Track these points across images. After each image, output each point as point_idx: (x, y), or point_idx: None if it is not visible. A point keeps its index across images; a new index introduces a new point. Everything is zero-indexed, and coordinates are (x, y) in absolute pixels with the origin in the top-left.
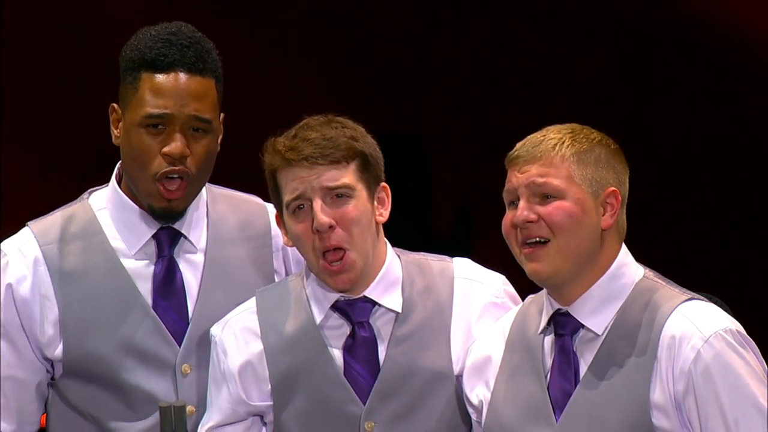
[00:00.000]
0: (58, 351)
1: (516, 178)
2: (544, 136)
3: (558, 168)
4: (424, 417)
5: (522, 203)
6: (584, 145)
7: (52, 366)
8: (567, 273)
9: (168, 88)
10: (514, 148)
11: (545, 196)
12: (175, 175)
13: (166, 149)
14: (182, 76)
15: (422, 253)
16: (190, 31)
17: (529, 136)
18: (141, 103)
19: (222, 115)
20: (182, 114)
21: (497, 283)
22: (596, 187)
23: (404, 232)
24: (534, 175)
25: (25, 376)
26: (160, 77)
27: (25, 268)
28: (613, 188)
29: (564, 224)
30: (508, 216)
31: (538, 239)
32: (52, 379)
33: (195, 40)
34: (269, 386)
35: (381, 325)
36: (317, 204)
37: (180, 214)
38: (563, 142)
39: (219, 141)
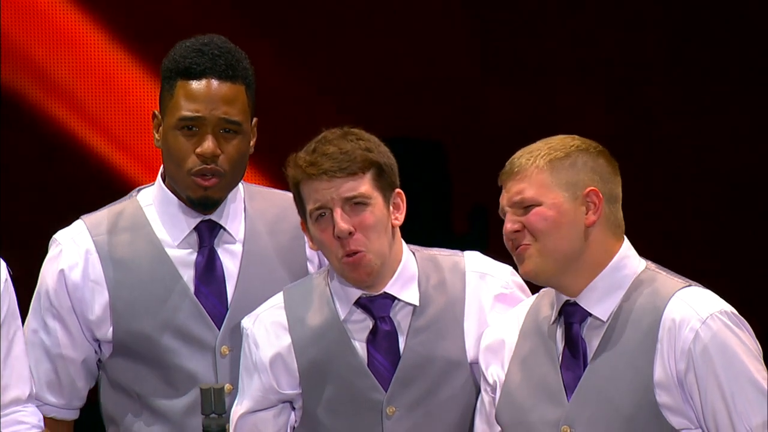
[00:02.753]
0: (109, 332)
1: (502, 196)
2: (524, 150)
3: (532, 179)
4: (441, 402)
5: (508, 216)
6: (559, 152)
7: (100, 347)
8: (552, 270)
9: (200, 94)
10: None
11: (525, 207)
12: (209, 174)
13: (198, 149)
14: (213, 83)
15: (435, 248)
16: (222, 42)
17: (516, 152)
18: (176, 107)
19: (255, 119)
20: (213, 116)
21: (506, 274)
22: (574, 189)
23: (426, 231)
24: (513, 193)
25: (75, 355)
26: (193, 84)
27: (77, 256)
28: (591, 188)
29: (542, 228)
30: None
31: (525, 245)
32: (100, 361)
33: (225, 50)
34: (298, 375)
35: (401, 318)
36: (337, 213)
37: (216, 202)
38: (539, 154)
39: (253, 144)
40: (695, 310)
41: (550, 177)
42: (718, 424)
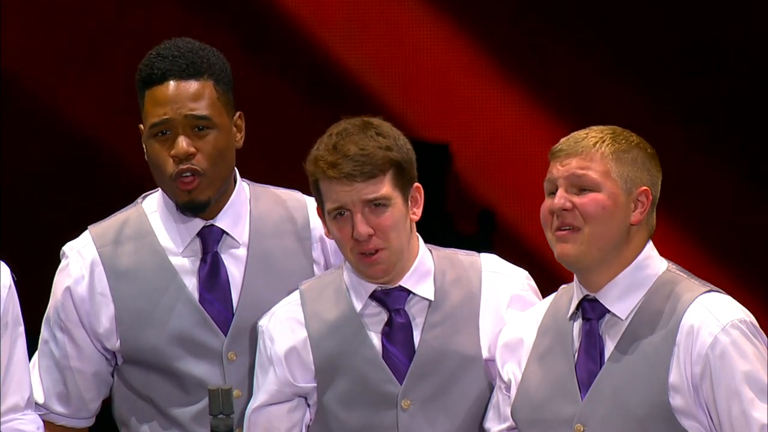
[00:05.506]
0: (117, 343)
1: (557, 169)
2: (587, 134)
3: (597, 163)
4: (456, 396)
5: (560, 192)
6: (623, 145)
7: (114, 356)
8: (592, 259)
9: (164, 97)
10: (558, 143)
11: (582, 188)
12: (188, 174)
13: (172, 152)
14: (176, 83)
15: (451, 248)
16: (184, 43)
17: (572, 133)
18: (147, 116)
19: (239, 113)
20: (179, 115)
21: (521, 277)
22: (630, 184)
23: (432, 233)
24: (574, 168)
25: (83, 366)
26: (157, 89)
27: (83, 269)
28: (645, 187)
29: (596, 215)
30: (547, 203)
31: (570, 227)
32: (117, 365)
33: (187, 49)
34: (313, 369)
35: (416, 312)
36: (357, 216)
37: (205, 204)
38: (604, 141)
39: (240, 138)
40: (715, 317)
41: (614, 166)
42: (733, 431)
